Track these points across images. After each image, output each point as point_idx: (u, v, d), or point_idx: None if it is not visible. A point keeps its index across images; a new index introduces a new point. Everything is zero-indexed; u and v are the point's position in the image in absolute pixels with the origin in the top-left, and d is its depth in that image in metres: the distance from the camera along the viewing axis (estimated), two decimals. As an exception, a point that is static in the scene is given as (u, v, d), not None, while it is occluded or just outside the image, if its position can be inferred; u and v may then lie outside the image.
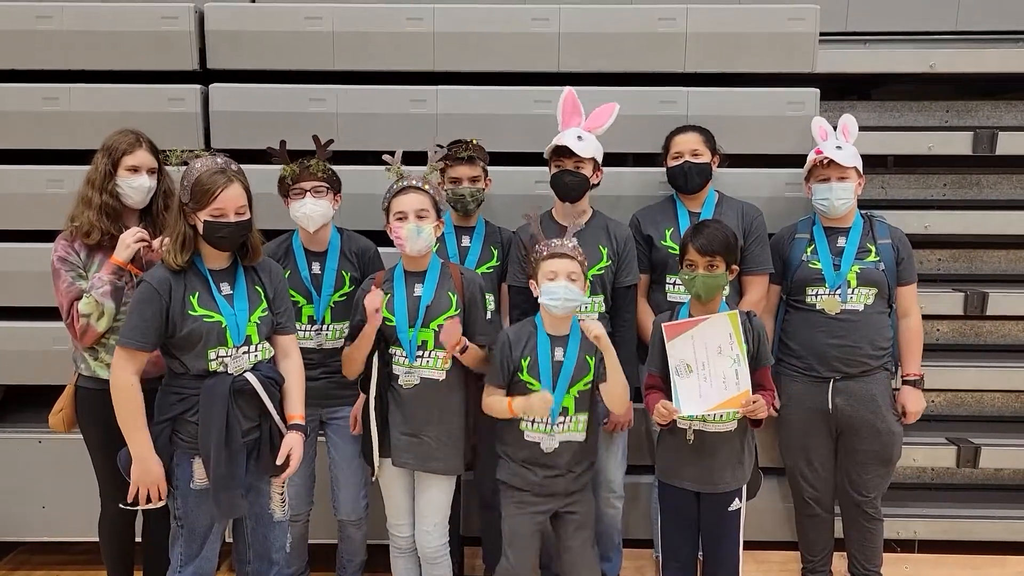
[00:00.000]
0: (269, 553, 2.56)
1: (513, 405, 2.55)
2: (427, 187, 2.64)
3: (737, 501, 2.66)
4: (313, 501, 3.01)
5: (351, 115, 3.31)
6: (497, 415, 2.62)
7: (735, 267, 2.62)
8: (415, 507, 2.73)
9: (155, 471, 2.33)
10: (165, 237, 2.38)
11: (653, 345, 2.69)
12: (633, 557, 3.34)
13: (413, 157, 2.79)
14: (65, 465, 3.22)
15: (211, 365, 2.33)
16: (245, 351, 2.38)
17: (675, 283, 2.99)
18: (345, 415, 2.89)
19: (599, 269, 2.89)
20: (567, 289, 2.53)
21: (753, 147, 3.34)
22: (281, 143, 2.84)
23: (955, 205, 3.78)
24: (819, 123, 3.11)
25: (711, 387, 2.52)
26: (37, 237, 3.17)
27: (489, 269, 3.00)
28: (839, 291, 2.95)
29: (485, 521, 3.06)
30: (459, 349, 2.58)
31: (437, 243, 2.77)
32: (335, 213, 2.88)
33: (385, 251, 2.96)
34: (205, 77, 3.37)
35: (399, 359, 2.66)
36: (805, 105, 3.31)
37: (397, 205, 2.61)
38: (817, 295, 2.98)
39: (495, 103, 3.32)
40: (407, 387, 2.64)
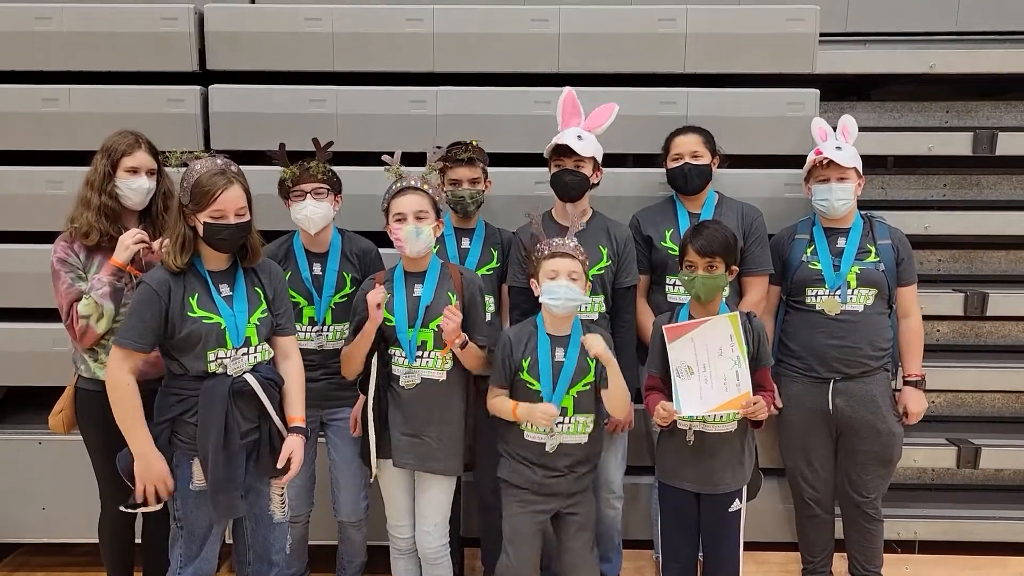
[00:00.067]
0: (269, 554, 2.56)
1: (517, 412, 2.57)
2: (426, 187, 2.64)
3: (737, 502, 2.66)
4: (313, 502, 3.01)
5: (351, 116, 3.31)
6: (502, 416, 2.63)
7: (735, 268, 2.62)
8: (415, 508, 2.73)
9: (158, 467, 2.32)
10: (165, 239, 2.38)
11: (653, 346, 2.69)
12: (633, 558, 3.34)
13: (413, 158, 2.79)
14: (65, 466, 3.22)
15: (210, 366, 2.33)
16: (244, 352, 2.38)
17: (675, 284, 2.98)
18: (345, 416, 2.89)
19: (599, 269, 2.89)
20: (568, 288, 2.52)
21: (753, 148, 3.33)
22: (280, 146, 2.83)
23: (955, 205, 3.78)
24: (819, 124, 3.11)
25: (712, 388, 2.52)
26: (37, 238, 3.17)
27: (489, 271, 3.00)
28: (839, 292, 2.95)
29: (484, 522, 3.06)
30: (459, 344, 2.57)
31: (437, 245, 2.77)
32: (336, 214, 2.88)
33: (386, 252, 2.96)
34: (205, 78, 3.37)
35: (398, 359, 2.66)
36: (805, 106, 3.31)
37: (396, 206, 2.61)
38: (817, 296, 2.98)
39: (495, 104, 3.32)
40: (409, 387, 2.64)
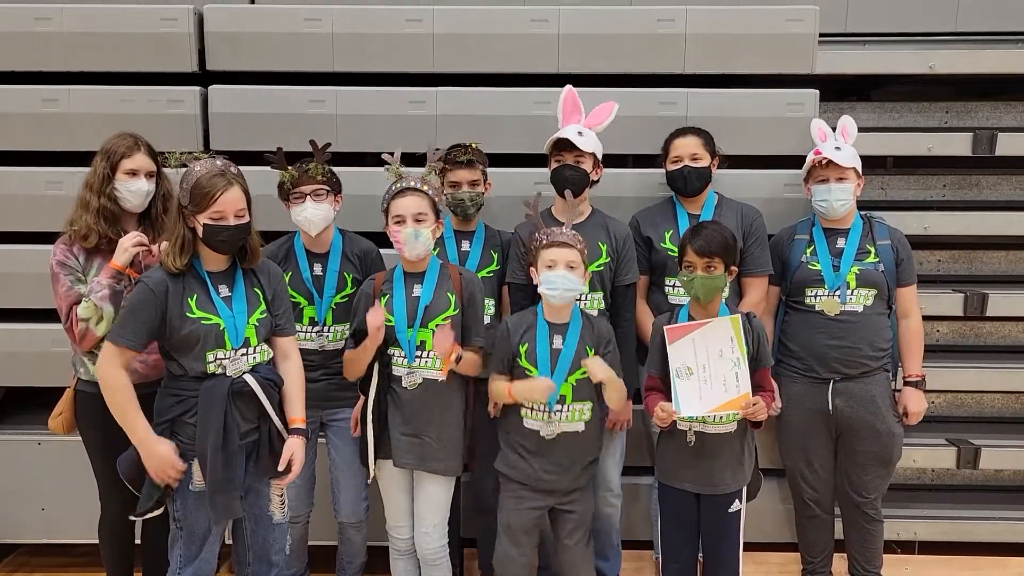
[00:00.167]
0: (268, 555, 2.56)
1: (513, 390, 2.56)
2: (426, 188, 2.64)
3: (737, 502, 2.66)
4: (313, 503, 3.01)
5: (350, 116, 3.31)
6: (498, 399, 2.62)
7: (734, 268, 2.61)
8: (414, 509, 2.73)
9: (162, 451, 2.30)
10: (164, 241, 2.38)
11: (653, 346, 2.69)
12: (633, 558, 3.34)
13: (412, 159, 2.79)
14: (65, 467, 3.22)
15: (209, 367, 2.33)
16: (244, 353, 2.38)
17: (675, 285, 2.98)
18: (345, 417, 2.88)
19: (598, 266, 2.88)
20: (565, 278, 2.53)
21: (752, 148, 3.33)
22: (278, 150, 2.81)
23: (955, 206, 3.78)
24: (818, 124, 3.11)
25: (711, 389, 2.52)
26: (37, 239, 3.17)
27: (489, 273, 2.99)
28: (838, 292, 2.95)
29: (483, 523, 3.05)
30: (454, 358, 2.56)
31: (437, 247, 2.77)
32: (336, 215, 2.88)
33: (387, 252, 2.95)
34: (204, 79, 3.36)
35: (398, 359, 2.66)
36: (804, 106, 3.31)
37: (395, 208, 2.61)
38: (816, 296, 2.98)
39: (494, 104, 3.31)
40: (411, 388, 2.64)
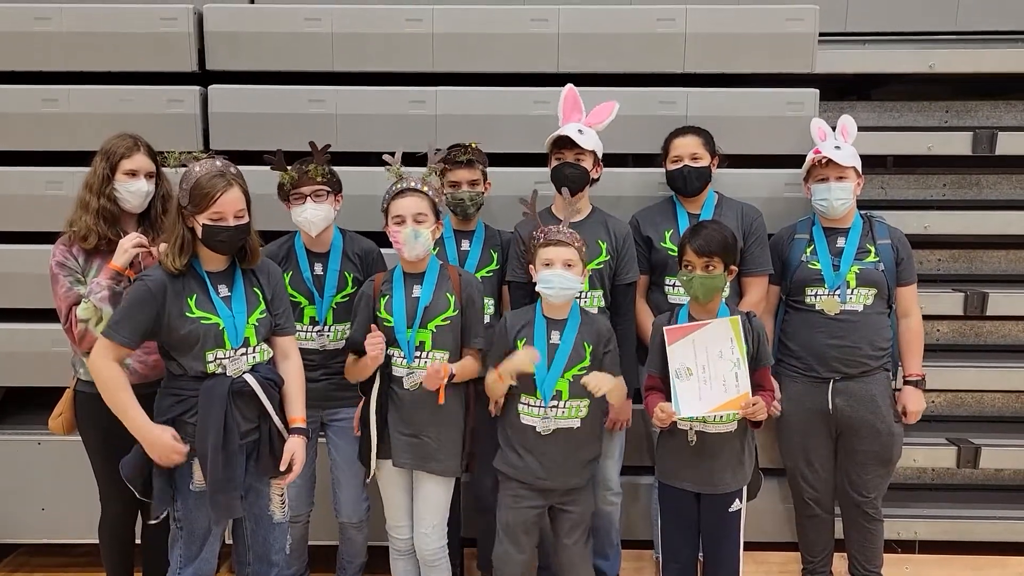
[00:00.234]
0: (269, 554, 2.56)
1: (500, 369, 2.55)
2: (426, 189, 2.64)
3: (737, 502, 2.66)
4: (313, 502, 3.00)
5: (350, 116, 3.31)
6: (492, 388, 2.61)
7: (734, 268, 2.61)
8: (413, 509, 2.73)
9: (161, 437, 2.29)
10: (163, 242, 2.37)
11: (653, 346, 2.68)
12: (633, 558, 3.34)
13: (412, 158, 2.79)
14: (65, 467, 3.22)
15: (209, 367, 2.33)
16: (243, 353, 2.38)
17: (675, 285, 2.98)
18: (346, 416, 2.88)
19: (598, 264, 2.88)
20: (563, 277, 2.53)
21: (752, 148, 3.33)
22: (278, 152, 2.80)
23: (955, 205, 3.78)
24: (818, 124, 3.11)
25: (711, 390, 2.52)
26: (36, 238, 3.17)
27: (489, 273, 2.99)
28: (838, 291, 2.95)
29: (483, 523, 3.05)
30: (445, 381, 2.56)
31: (436, 247, 2.77)
32: (336, 214, 2.88)
33: (387, 252, 2.94)
34: (204, 78, 3.37)
35: (397, 360, 2.65)
36: (804, 105, 3.31)
37: (395, 208, 2.61)
38: (816, 295, 2.98)
39: (494, 104, 3.31)
40: (412, 388, 2.63)
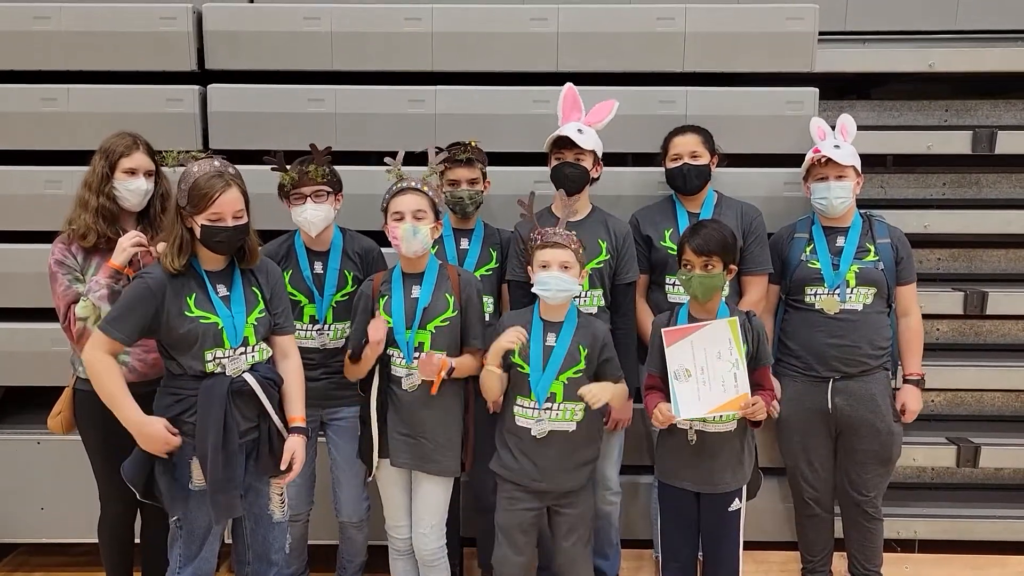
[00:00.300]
0: (268, 554, 2.56)
1: (487, 357, 2.55)
2: (426, 188, 2.64)
3: (737, 501, 2.66)
4: (313, 501, 3.00)
5: (349, 115, 3.31)
6: (485, 382, 2.60)
7: (733, 267, 2.61)
8: (412, 509, 2.73)
9: (153, 430, 2.29)
10: (161, 241, 2.37)
11: (653, 346, 2.68)
12: (633, 557, 3.34)
13: (412, 157, 2.79)
14: (64, 466, 3.21)
15: (208, 366, 2.33)
16: (242, 352, 2.38)
17: (674, 284, 2.97)
18: (346, 415, 2.88)
19: (598, 263, 2.88)
20: (559, 279, 2.53)
21: (752, 147, 3.33)
22: (278, 154, 2.79)
23: (954, 204, 3.77)
24: (817, 123, 3.11)
25: (710, 390, 2.51)
26: (36, 238, 3.16)
27: (488, 271, 2.99)
28: (838, 291, 2.94)
29: (482, 523, 3.04)
30: (444, 374, 2.56)
31: (435, 246, 2.77)
32: (337, 214, 2.87)
33: (388, 252, 2.94)
34: (203, 78, 3.36)
35: (396, 360, 2.65)
36: (804, 105, 3.31)
37: (395, 205, 2.61)
38: (816, 295, 2.98)
39: (494, 103, 3.31)
40: (410, 390, 2.63)
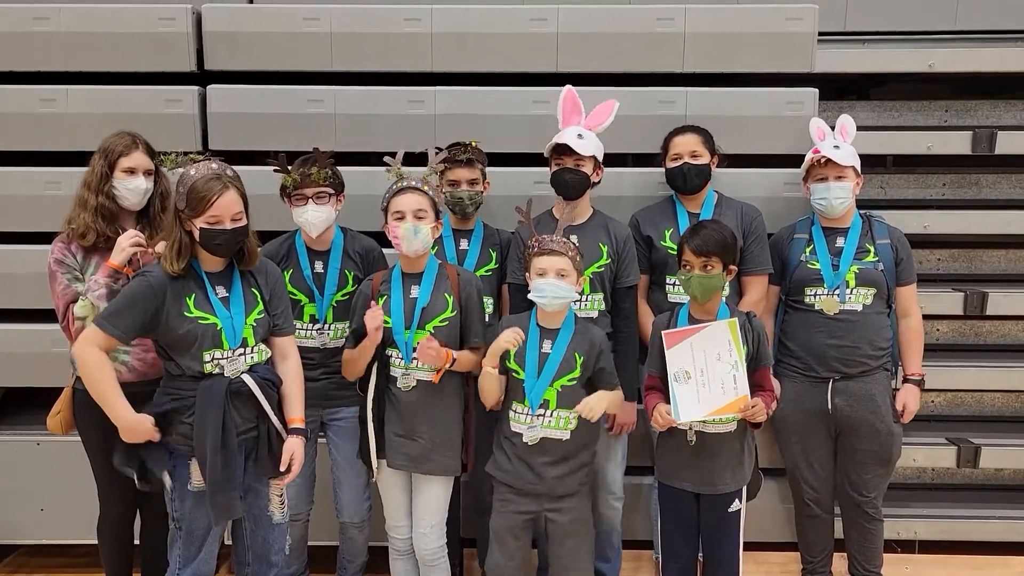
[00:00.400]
0: (268, 555, 2.56)
1: (484, 359, 2.55)
2: (426, 188, 2.64)
3: (737, 502, 2.65)
4: (313, 501, 3.00)
5: (349, 116, 3.30)
6: (482, 384, 2.59)
7: (733, 268, 2.61)
8: (412, 509, 2.73)
9: (140, 428, 2.29)
10: (161, 241, 2.37)
11: (653, 346, 2.68)
12: (633, 558, 3.34)
13: (411, 158, 2.79)
14: (64, 467, 3.21)
15: (206, 367, 2.33)
16: (241, 353, 2.38)
17: (675, 284, 2.97)
18: (346, 416, 2.87)
19: (599, 267, 2.88)
20: (555, 286, 2.52)
21: (752, 147, 3.33)
22: (280, 156, 2.79)
23: (954, 205, 3.77)
24: (817, 123, 3.11)
25: (709, 392, 2.51)
26: (35, 238, 3.16)
27: (488, 272, 2.99)
28: (838, 291, 2.94)
29: (481, 523, 3.03)
30: (448, 363, 2.56)
31: (435, 246, 2.77)
32: (338, 214, 2.87)
33: (388, 252, 2.94)
34: (203, 78, 3.36)
35: (395, 360, 2.65)
36: (804, 105, 3.31)
37: (395, 205, 2.61)
38: (816, 295, 2.98)
39: (494, 104, 3.31)
40: (405, 389, 2.63)
